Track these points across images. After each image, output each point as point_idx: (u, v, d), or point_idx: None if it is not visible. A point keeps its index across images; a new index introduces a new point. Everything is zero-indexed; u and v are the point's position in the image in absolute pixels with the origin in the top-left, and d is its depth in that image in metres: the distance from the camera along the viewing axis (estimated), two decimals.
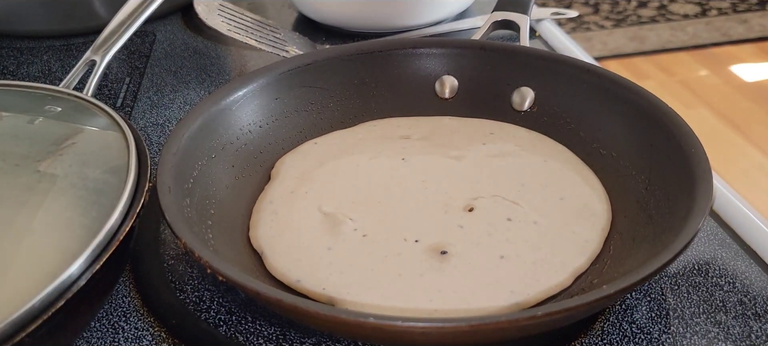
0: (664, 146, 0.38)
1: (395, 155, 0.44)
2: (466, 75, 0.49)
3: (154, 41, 0.67)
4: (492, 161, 0.43)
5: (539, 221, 0.38)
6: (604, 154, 0.43)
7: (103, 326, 0.36)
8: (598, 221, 0.39)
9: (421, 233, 0.38)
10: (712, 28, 2.55)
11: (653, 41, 2.47)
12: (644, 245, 0.35)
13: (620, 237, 0.37)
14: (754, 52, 2.40)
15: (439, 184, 0.42)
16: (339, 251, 0.37)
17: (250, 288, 0.29)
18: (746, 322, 0.35)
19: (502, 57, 0.48)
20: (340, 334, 0.34)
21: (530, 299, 0.34)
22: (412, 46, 0.49)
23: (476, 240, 0.37)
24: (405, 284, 0.35)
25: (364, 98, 0.48)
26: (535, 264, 0.36)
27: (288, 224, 0.39)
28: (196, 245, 0.31)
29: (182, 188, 0.37)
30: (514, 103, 0.47)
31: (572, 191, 0.41)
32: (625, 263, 0.35)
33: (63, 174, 0.36)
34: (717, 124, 1.97)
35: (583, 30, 2.56)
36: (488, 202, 0.40)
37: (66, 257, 0.30)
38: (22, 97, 0.44)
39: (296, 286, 0.35)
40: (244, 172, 0.43)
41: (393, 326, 0.27)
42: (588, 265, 0.36)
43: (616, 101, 0.43)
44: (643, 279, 0.29)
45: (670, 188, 0.37)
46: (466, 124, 0.48)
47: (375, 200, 0.41)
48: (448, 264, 0.36)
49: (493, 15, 0.54)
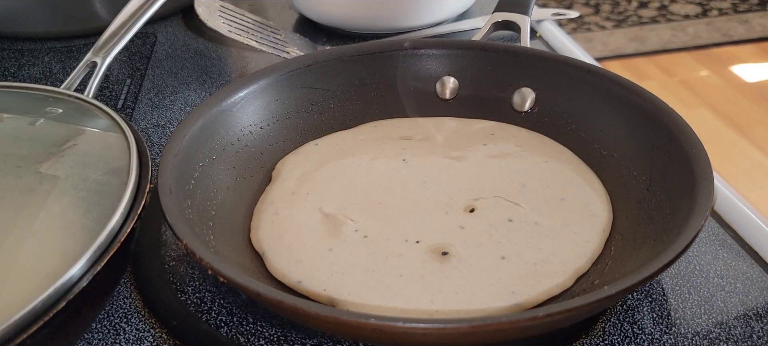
0: (665, 147, 0.38)
1: (396, 156, 0.44)
2: (467, 76, 0.49)
3: (155, 42, 0.67)
4: (493, 162, 0.43)
5: (540, 222, 0.38)
6: (605, 155, 0.42)
7: (104, 328, 0.36)
8: (599, 221, 0.38)
9: (422, 233, 0.38)
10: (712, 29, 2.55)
11: (654, 42, 2.47)
12: (645, 245, 0.35)
13: (621, 238, 0.37)
14: (755, 52, 2.40)
15: (440, 185, 0.42)
16: (340, 252, 0.37)
17: (251, 289, 0.29)
18: (748, 322, 0.35)
19: (502, 58, 0.48)
20: (341, 335, 0.34)
21: (531, 300, 0.34)
22: (413, 47, 0.49)
23: (477, 241, 0.37)
24: (406, 285, 0.35)
25: (364, 99, 0.48)
26: (536, 265, 0.36)
27: (289, 225, 0.39)
28: (197, 246, 0.31)
29: (183, 189, 0.37)
30: (515, 104, 0.47)
31: (573, 192, 0.41)
32: (627, 263, 0.35)
33: (64, 175, 0.36)
34: (718, 125, 1.97)
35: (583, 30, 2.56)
36: (489, 203, 0.40)
37: (67, 258, 0.30)
38: (24, 99, 0.44)
39: (297, 287, 0.35)
40: (245, 173, 0.43)
41: (394, 327, 0.27)
42: (589, 266, 0.36)
43: (617, 102, 0.43)
44: (644, 280, 0.29)
45: (671, 189, 0.37)
46: (467, 124, 0.48)
47: (376, 201, 0.40)
48: (449, 265, 0.36)
49: (493, 16, 0.54)
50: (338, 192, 0.41)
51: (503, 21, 0.53)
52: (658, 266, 0.29)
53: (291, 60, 0.47)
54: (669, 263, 0.30)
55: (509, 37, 0.61)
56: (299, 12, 0.71)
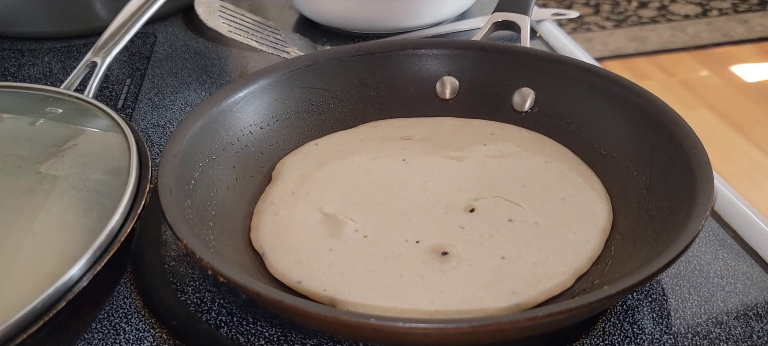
0: (665, 147, 0.38)
1: (396, 156, 0.44)
2: (467, 76, 0.49)
3: (155, 42, 0.67)
4: (493, 162, 0.43)
5: (540, 222, 0.38)
6: (605, 155, 0.42)
7: (104, 328, 0.36)
8: (599, 221, 0.38)
9: (422, 233, 0.38)
10: (712, 29, 2.55)
11: (654, 42, 2.47)
12: (645, 245, 0.35)
13: (621, 238, 0.37)
14: (755, 52, 2.40)
15: (440, 185, 0.42)
16: (340, 252, 0.37)
17: (251, 289, 0.29)
18: (748, 323, 0.35)
19: (502, 58, 0.48)
20: (342, 335, 0.34)
21: (531, 300, 0.34)
22: (413, 47, 0.49)
23: (477, 241, 0.37)
24: (406, 285, 0.35)
25: (364, 99, 0.48)
26: (536, 265, 0.36)
27: (289, 225, 0.39)
28: (198, 246, 0.31)
29: (183, 190, 0.37)
30: (515, 104, 0.47)
31: (573, 192, 0.41)
32: (627, 263, 0.35)
33: (64, 176, 0.36)
34: (718, 125, 1.97)
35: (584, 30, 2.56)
36: (489, 203, 0.40)
37: (67, 258, 0.30)
38: (24, 99, 0.44)
39: (297, 287, 0.35)
40: (244, 173, 0.43)
41: (394, 327, 0.27)
42: (589, 265, 0.36)
43: (617, 102, 0.43)
44: (644, 280, 0.29)
45: (671, 189, 0.36)
46: (466, 124, 0.48)
47: (376, 201, 0.40)
48: (449, 265, 0.36)
49: (493, 16, 0.54)
50: (338, 192, 0.41)
51: (503, 21, 0.53)
52: (658, 266, 0.29)
53: (291, 60, 0.47)
54: (669, 263, 0.30)
55: (509, 37, 0.61)
56: (299, 12, 0.71)
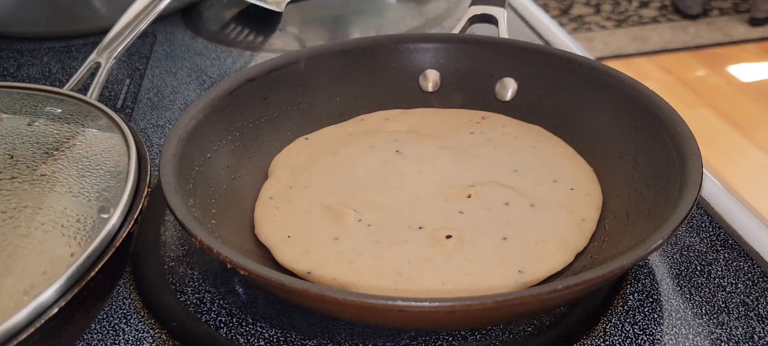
0: (648, 127, 0.39)
1: (389, 147, 0.45)
2: (449, 68, 0.49)
3: (155, 42, 0.67)
4: (483, 150, 0.44)
5: (536, 204, 0.39)
6: (591, 138, 0.43)
7: (103, 329, 0.36)
8: (592, 200, 0.40)
9: (424, 220, 0.38)
10: (713, 29, 2.55)
11: (655, 41, 2.47)
12: (639, 220, 0.36)
13: (614, 216, 0.39)
14: (756, 52, 2.40)
15: (436, 173, 0.42)
16: (346, 242, 0.37)
17: (274, 281, 0.29)
18: (749, 323, 0.35)
19: (482, 50, 0.49)
20: (366, 321, 0.34)
21: (537, 278, 0.35)
22: (395, 42, 0.50)
23: (478, 225, 0.38)
24: (415, 269, 0.35)
25: (350, 95, 0.49)
26: (537, 244, 0.37)
27: (291, 218, 0.39)
28: (213, 242, 0.31)
29: (185, 189, 0.37)
30: (498, 94, 0.48)
31: (563, 174, 0.42)
32: (622, 239, 0.36)
33: (63, 176, 0.36)
34: (718, 125, 1.97)
35: (584, 30, 2.56)
36: (485, 188, 0.41)
37: (64, 260, 0.30)
38: (23, 99, 0.44)
39: (308, 277, 0.36)
40: (240, 171, 0.43)
41: (421, 307, 0.28)
42: (586, 242, 0.38)
43: (597, 87, 0.44)
44: (658, 246, 0.30)
45: (659, 166, 0.38)
46: (453, 115, 0.48)
47: (374, 191, 0.41)
48: (454, 248, 0.36)
49: (470, 9, 0.54)
50: (336, 184, 0.42)
51: (480, 14, 0.54)
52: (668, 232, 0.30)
53: (277, 58, 0.47)
54: (678, 226, 0.31)
55: None
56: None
